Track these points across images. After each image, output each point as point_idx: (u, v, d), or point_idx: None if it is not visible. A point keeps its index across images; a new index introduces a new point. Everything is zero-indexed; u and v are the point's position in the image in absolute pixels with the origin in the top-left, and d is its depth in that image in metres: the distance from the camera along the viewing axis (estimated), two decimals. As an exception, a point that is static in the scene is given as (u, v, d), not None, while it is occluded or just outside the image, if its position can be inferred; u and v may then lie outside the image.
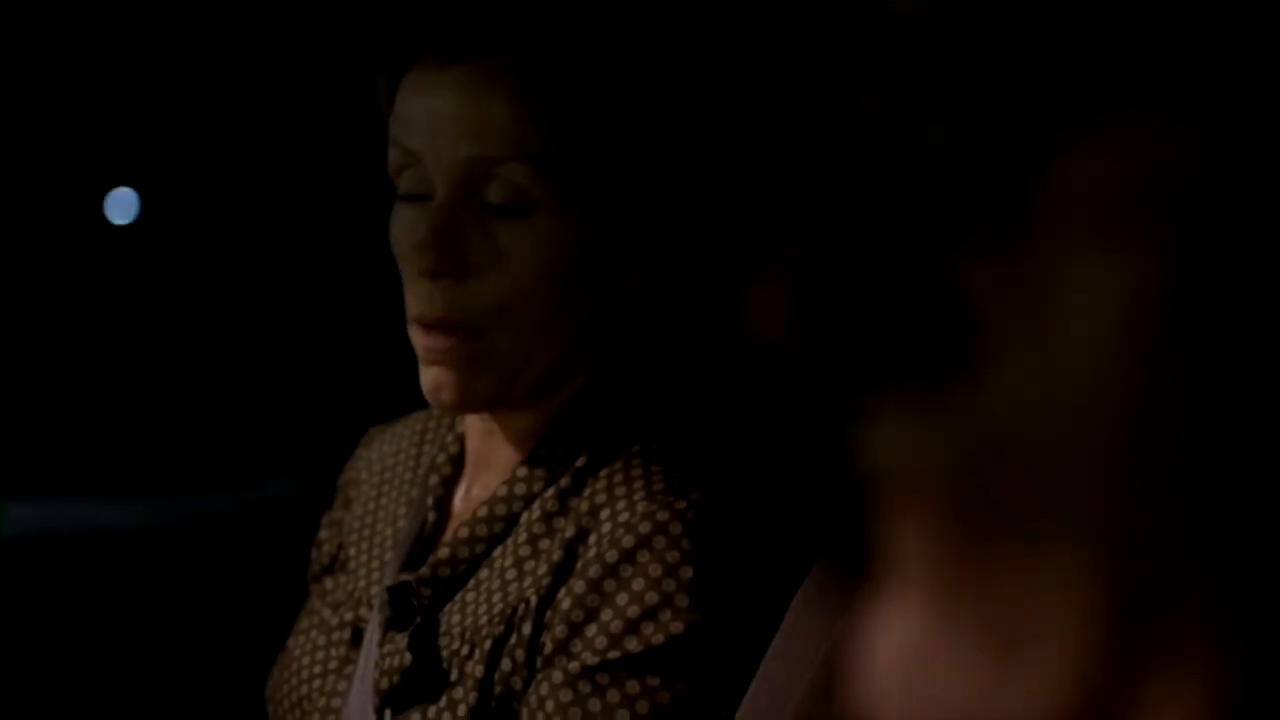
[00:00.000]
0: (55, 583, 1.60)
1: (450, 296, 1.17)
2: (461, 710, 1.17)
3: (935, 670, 0.36)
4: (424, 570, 1.23)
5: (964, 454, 0.34)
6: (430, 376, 1.19)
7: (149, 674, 1.58)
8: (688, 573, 1.14)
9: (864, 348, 0.35)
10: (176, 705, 1.57)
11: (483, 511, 1.23)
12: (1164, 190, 0.32)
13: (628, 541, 1.15)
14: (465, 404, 1.20)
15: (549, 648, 1.15)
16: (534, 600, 1.17)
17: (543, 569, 1.18)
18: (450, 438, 1.31)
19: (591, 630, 1.14)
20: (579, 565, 1.17)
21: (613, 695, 1.13)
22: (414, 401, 1.24)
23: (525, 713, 1.15)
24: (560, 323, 1.19)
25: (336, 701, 1.26)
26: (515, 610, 1.17)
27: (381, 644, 1.23)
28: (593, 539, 1.17)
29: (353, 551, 1.32)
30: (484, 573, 1.21)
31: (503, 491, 1.23)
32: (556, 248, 1.17)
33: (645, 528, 1.15)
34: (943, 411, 0.35)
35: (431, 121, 1.17)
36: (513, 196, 1.16)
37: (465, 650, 1.18)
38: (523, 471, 1.22)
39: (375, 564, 1.29)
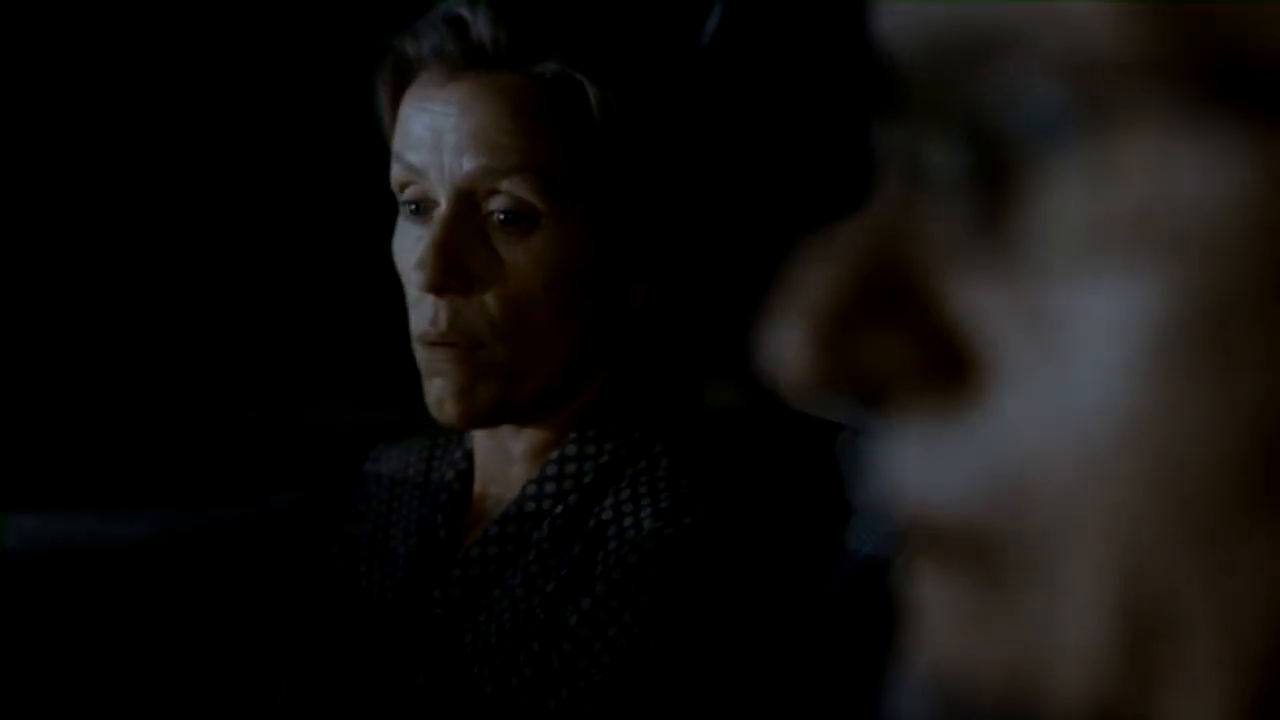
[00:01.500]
0: (58, 596, 1.60)
1: (453, 312, 1.17)
2: (471, 728, 1.17)
3: (959, 708, 0.36)
4: (436, 590, 1.23)
5: (978, 486, 0.35)
6: (434, 391, 1.19)
7: (152, 688, 1.58)
8: (693, 589, 1.14)
9: (878, 379, 0.36)
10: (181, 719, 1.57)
11: (493, 530, 1.23)
12: (1163, 215, 0.32)
13: (633, 558, 1.15)
14: (469, 417, 1.19)
15: (557, 665, 1.15)
16: (543, 617, 1.17)
17: (551, 586, 1.18)
18: (459, 454, 1.31)
19: (597, 647, 1.14)
20: (586, 582, 1.17)
21: (620, 713, 1.13)
22: (421, 415, 1.24)
23: (535, 730, 1.15)
24: (563, 335, 1.19)
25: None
26: (526, 628, 1.17)
27: (393, 662, 1.23)
28: (600, 556, 1.17)
29: (363, 569, 1.32)
30: (496, 591, 1.21)
31: (513, 510, 1.23)
32: (559, 260, 1.17)
33: (651, 544, 1.15)
34: (956, 444, 0.35)
35: (435, 135, 1.17)
36: (517, 209, 1.16)
37: (477, 669, 1.18)
38: (532, 489, 1.22)
39: (387, 582, 1.29)
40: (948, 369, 0.35)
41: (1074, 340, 0.33)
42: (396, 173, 1.20)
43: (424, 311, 1.18)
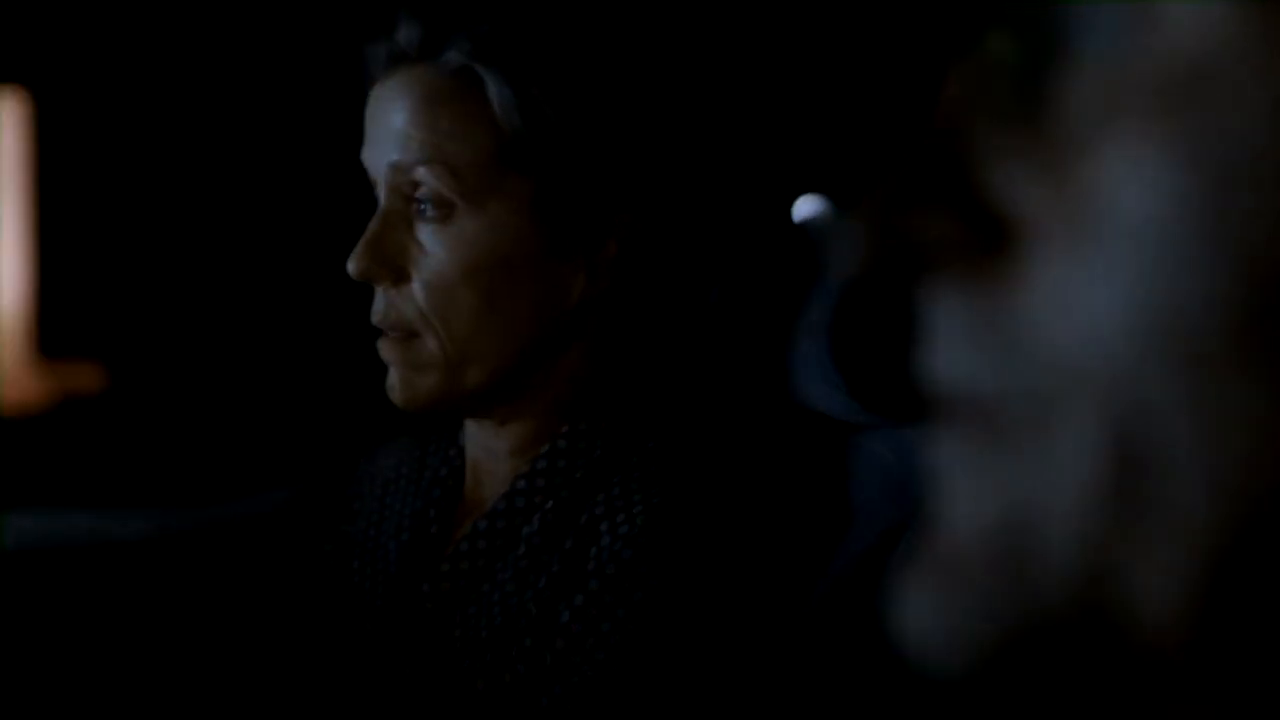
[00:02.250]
0: (56, 595, 1.61)
1: (386, 301, 1.21)
2: (463, 723, 1.17)
3: (976, 555, 0.38)
4: (426, 585, 1.23)
5: (997, 356, 0.37)
6: (389, 376, 1.23)
7: (150, 686, 1.59)
8: (686, 585, 1.14)
9: (926, 253, 0.38)
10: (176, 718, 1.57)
11: (482, 525, 1.23)
12: (1167, 72, 0.33)
13: (627, 554, 1.15)
14: (412, 402, 1.22)
15: (549, 661, 1.15)
16: (535, 612, 1.17)
17: (543, 582, 1.18)
18: (453, 451, 1.31)
19: (591, 643, 1.14)
20: (578, 579, 1.17)
21: (614, 709, 1.13)
22: (410, 414, 1.25)
23: (527, 726, 1.15)
24: (496, 324, 1.19)
25: (339, 715, 1.26)
26: (517, 623, 1.18)
27: (384, 657, 1.23)
28: (592, 552, 1.17)
29: (356, 564, 1.32)
30: (486, 586, 1.22)
31: (502, 506, 1.23)
32: (478, 249, 1.18)
33: (644, 540, 1.15)
34: (989, 316, 0.38)
35: (371, 133, 1.22)
36: (431, 199, 1.19)
37: (468, 664, 1.19)
38: (522, 484, 1.23)
39: (379, 577, 1.29)
40: (989, 245, 0.37)
41: (1095, 215, 0.35)
42: (367, 172, 1.23)
43: (375, 301, 1.22)
